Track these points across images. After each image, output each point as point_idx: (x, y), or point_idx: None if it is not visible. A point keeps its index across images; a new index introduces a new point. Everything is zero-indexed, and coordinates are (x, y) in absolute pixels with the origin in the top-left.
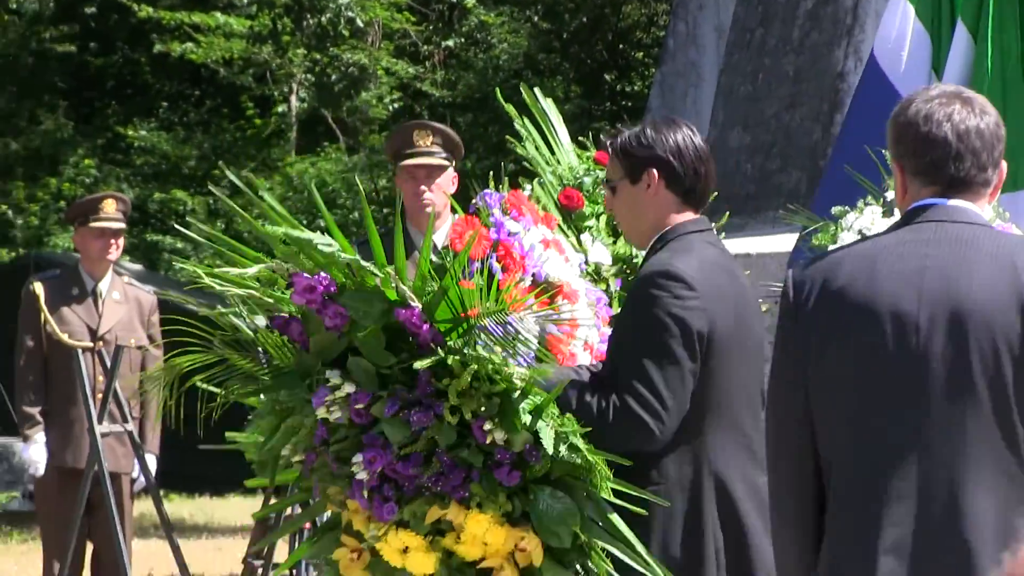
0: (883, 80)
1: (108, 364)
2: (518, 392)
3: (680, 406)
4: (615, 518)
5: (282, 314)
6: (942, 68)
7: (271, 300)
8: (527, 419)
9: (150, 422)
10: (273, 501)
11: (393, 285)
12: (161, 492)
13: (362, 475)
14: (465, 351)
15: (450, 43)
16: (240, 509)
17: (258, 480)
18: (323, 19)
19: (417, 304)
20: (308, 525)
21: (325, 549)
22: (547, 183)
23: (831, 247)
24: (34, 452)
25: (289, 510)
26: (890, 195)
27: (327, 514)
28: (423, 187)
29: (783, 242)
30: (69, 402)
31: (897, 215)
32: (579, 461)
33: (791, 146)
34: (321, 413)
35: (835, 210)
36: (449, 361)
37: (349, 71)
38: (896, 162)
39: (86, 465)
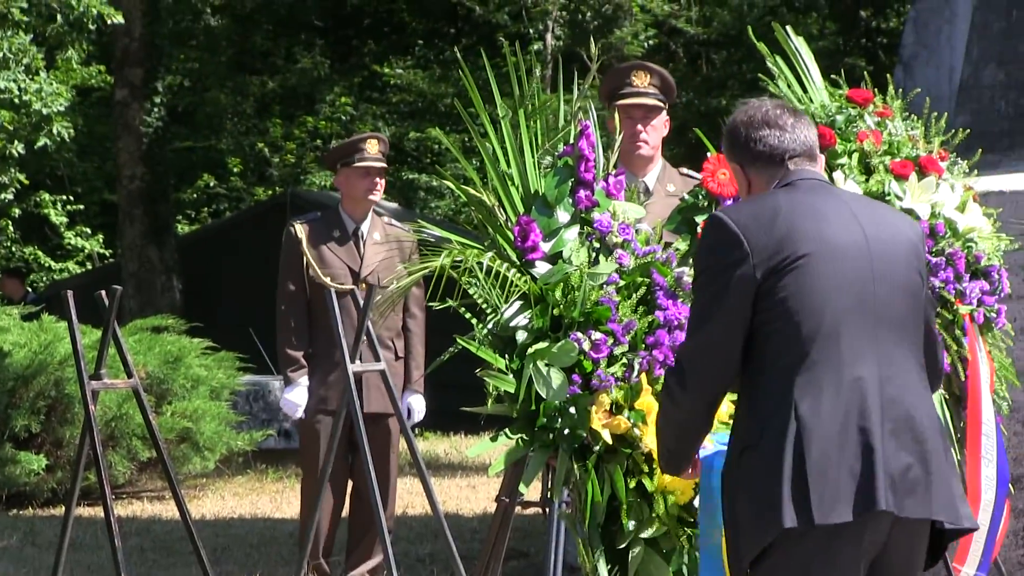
0: None
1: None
2: None
3: None
4: None
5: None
6: None
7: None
8: None
9: (414, 361)
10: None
11: None
12: (416, 431)
13: None
14: None
15: None
16: (495, 448)
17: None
18: None
19: None
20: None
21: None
22: None
23: None
24: (296, 395)
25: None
26: None
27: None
28: (639, 127)
29: None
30: (332, 344)
31: None
32: None
33: None
34: None
35: None
36: None
37: (604, 9)
38: None
39: (338, 405)
